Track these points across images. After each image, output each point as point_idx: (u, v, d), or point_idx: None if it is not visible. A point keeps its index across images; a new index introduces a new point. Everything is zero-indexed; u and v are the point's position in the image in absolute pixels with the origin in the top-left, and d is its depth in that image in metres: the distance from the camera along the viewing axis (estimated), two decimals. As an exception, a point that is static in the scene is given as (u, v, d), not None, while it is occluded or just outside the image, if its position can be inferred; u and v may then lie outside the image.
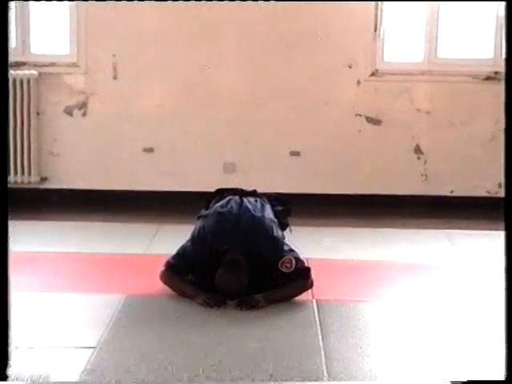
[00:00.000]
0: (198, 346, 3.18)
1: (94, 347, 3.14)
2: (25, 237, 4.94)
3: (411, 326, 3.54)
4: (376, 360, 3.12)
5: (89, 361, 3.01)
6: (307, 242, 4.33)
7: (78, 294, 3.86)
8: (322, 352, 3.14)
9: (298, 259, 3.84)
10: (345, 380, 2.89)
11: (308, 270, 3.89)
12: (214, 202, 4.08)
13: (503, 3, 5.58)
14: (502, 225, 5.60)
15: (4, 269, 2.37)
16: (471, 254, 4.79)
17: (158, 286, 3.96)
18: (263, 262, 3.81)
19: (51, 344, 3.22)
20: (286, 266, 3.83)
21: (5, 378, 2.38)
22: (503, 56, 5.70)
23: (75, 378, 2.86)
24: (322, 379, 2.87)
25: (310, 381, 2.87)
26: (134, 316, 3.56)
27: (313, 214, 4.17)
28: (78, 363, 2.99)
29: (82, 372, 2.92)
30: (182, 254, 3.93)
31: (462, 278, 4.29)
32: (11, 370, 2.92)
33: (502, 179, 5.68)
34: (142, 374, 2.90)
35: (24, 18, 5.72)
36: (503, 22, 5.69)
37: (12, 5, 5.63)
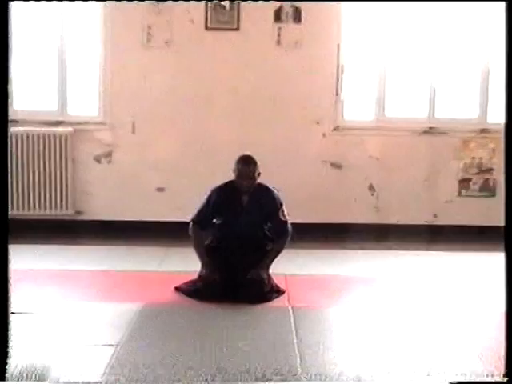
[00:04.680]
0: (200, 348, 3.16)
1: (116, 345, 3.15)
2: (64, 258, 4.95)
3: (368, 326, 3.55)
4: (340, 353, 3.13)
5: (112, 355, 3.02)
6: (284, 261, 4.34)
7: (104, 303, 3.86)
8: (296, 348, 3.15)
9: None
10: (314, 371, 2.90)
11: (285, 224, 4.11)
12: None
13: (437, 70, 5.69)
14: (436, 246, 5.67)
15: (4, 271, 2.16)
16: (412, 269, 4.82)
17: (169, 296, 3.98)
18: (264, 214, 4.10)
19: (82, 342, 3.22)
20: (283, 215, 4.11)
21: (4, 377, 2.18)
22: (436, 115, 5.81)
23: (101, 371, 2.87)
24: (296, 372, 2.86)
25: (285, 374, 2.88)
26: (148, 321, 3.55)
27: (291, 239, 4.19)
28: (103, 357, 2.99)
29: (108, 364, 2.92)
30: (201, 212, 4.11)
31: (405, 287, 4.32)
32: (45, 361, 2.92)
33: (436, 211, 5.76)
34: (155, 367, 2.91)
35: (63, 86, 5.76)
36: (436, 85, 5.78)
37: (52, 69, 5.68)
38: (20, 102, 5.76)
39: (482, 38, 5.80)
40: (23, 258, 4.86)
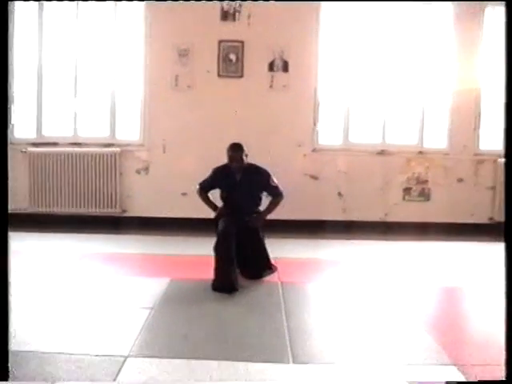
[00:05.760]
0: (211, 312, 3.21)
1: (151, 308, 3.17)
2: (112, 244, 4.96)
3: (336, 296, 3.58)
4: (317, 316, 3.16)
5: (149, 315, 3.04)
6: (276, 247, 4.36)
7: (142, 277, 3.89)
8: (283, 312, 3.18)
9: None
10: (295, 326, 2.91)
11: (277, 188, 4.01)
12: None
13: (387, 107, 5.74)
14: (387, 237, 5.68)
15: (4, 272, 1.91)
16: (370, 254, 4.83)
17: (189, 273, 3.98)
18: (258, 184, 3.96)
19: (127, 305, 3.25)
20: (274, 182, 4.01)
21: (5, 377, 1.92)
22: (386, 140, 5.83)
23: (141, 326, 2.88)
24: (283, 329, 2.88)
25: (275, 329, 2.90)
26: (175, 290, 3.58)
27: (280, 231, 4.21)
28: (143, 317, 3.02)
29: (146, 320, 2.94)
30: (205, 181, 4.07)
31: (365, 267, 4.34)
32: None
33: (388, 210, 5.77)
34: (181, 324, 2.93)
35: (113, 118, 5.78)
36: (387, 119, 5.81)
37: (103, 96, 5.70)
38: (82, 130, 5.80)
39: (420, 85, 5.85)
40: (83, 244, 4.89)
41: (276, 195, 4.03)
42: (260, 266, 3.92)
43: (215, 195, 4.15)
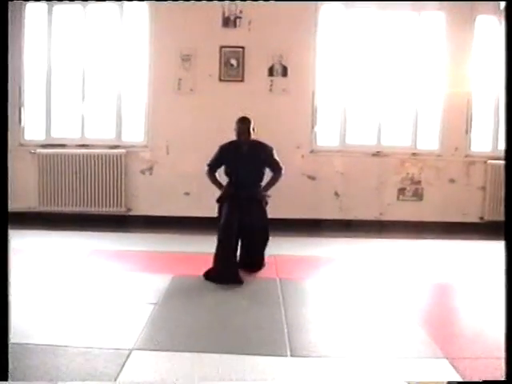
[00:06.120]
0: (213, 306, 3.21)
1: (155, 303, 3.17)
2: (118, 242, 4.96)
3: (334, 291, 3.58)
4: (313, 310, 3.16)
5: (153, 310, 3.04)
6: (275, 245, 4.36)
7: (146, 273, 3.89)
8: (282, 307, 3.18)
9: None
10: (293, 320, 2.91)
11: (278, 164, 4.10)
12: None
13: (382, 111, 5.75)
14: (382, 235, 5.69)
15: (4, 272, 1.75)
16: (365, 251, 4.82)
17: (191, 270, 3.98)
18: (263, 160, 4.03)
19: (132, 301, 3.25)
20: (276, 158, 4.10)
21: (5, 377, 1.81)
22: (381, 142, 5.83)
23: (145, 320, 2.88)
24: (282, 324, 2.89)
25: (274, 320, 2.90)
26: (178, 287, 3.58)
27: (278, 229, 4.21)
28: (147, 312, 3.02)
29: (150, 315, 2.94)
30: (212, 160, 4.13)
31: (361, 264, 4.33)
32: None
33: (383, 209, 5.78)
34: (184, 319, 2.93)
35: (119, 121, 5.79)
36: (382, 121, 5.81)
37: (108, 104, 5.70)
38: (89, 132, 5.80)
39: (413, 90, 5.86)
40: (90, 242, 4.89)
41: (277, 171, 4.12)
42: (257, 259, 3.95)
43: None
